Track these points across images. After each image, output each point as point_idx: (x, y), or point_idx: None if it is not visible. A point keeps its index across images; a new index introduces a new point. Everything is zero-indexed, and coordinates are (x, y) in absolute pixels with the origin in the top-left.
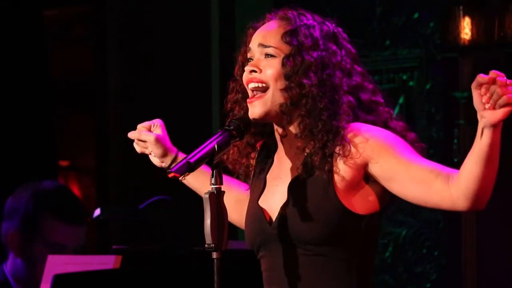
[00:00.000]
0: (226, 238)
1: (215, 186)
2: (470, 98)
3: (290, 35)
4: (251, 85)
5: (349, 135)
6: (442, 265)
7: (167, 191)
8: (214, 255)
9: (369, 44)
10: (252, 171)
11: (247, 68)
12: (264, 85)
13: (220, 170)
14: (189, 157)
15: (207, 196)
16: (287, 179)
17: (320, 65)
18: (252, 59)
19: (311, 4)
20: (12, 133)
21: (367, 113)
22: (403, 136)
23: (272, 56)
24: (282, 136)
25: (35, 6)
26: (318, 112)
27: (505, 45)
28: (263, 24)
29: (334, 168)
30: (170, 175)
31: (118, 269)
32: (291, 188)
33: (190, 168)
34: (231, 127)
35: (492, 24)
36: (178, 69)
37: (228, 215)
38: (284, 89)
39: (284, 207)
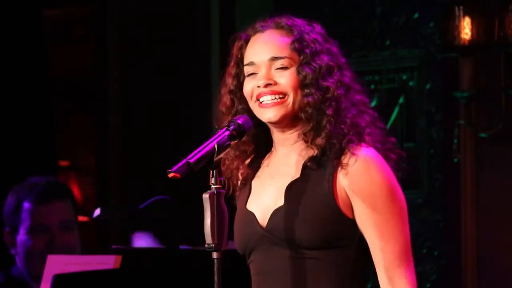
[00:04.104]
0: (226, 238)
1: (215, 186)
2: (470, 98)
3: (299, 43)
4: (268, 98)
5: (358, 159)
6: (442, 265)
7: (167, 191)
8: (214, 255)
9: (369, 44)
10: (239, 182)
11: (261, 83)
12: (281, 96)
13: (220, 170)
14: (189, 157)
15: (207, 196)
16: (282, 180)
17: (335, 67)
18: (254, 73)
19: (311, 4)
20: (12, 133)
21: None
22: (382, 143)
23: (284, 67)
24: (283, 141)
25: (35, 6)
26: (344, 112)
27: (505, 45)
28: (253, 34)
29: (335, 174)
30: (170, 175)
31: (118, 269)
32: (289, 190)
33: (190, 168)
34: (231, 127)
35: (492, 24)
36: (178, 69)
37: None
38: (305, 96)
39: (279, 210)
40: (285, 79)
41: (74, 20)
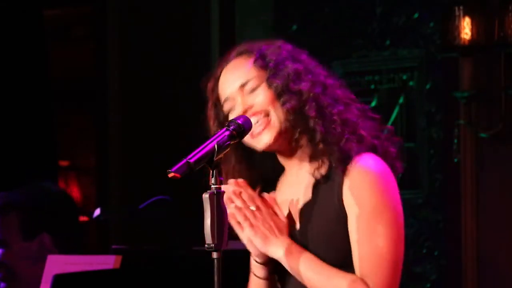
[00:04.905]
0: (226, 238)
1: (215, 186)
2: (470, 98)
3: (261, 60)
4: (253, 120)
5: (355, 168)
6: (442, 265)
7: (167, 191)
8: (214, 255)
9: (369, 44)
10: None
11: (240, 110)
12: (264, 115)
13: (220, 170)
14: (189, 157)
15: (207, 196)
16: (297, 202)
17: (303, 70)
18: (232, 107)
19: (311, 4)
20: (12, 133)
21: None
22: (379, 135)
23: (255, 88)
24: (289, 163)
25: (35, 6)
26: (328, 109)
27: (505, 45)
28: (220, 71)
29: (342, 183)
30: (170, 175)
31: (118, 269)
32: (302, 213)
33: (190, 168)
34: (231, 127)
35: (492, 24)
36: (178, 69)
37: None
38: (283, 105)
39: (296, 234)
40: (260, 97)
41: (74, 20)
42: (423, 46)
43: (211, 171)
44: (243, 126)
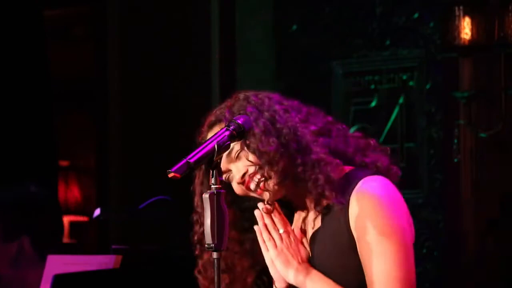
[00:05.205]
0: (226, 238)
1: (215, 186)
2: (470, 98)
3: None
4: (254, 182)
5: (357, 195)
6: (442, 265)
7: (167, 191)
8: (214, 255)
9: (369, 44)
10: None
11: (239, 179)
12: (259, 172)
13: (220, 170)
14: (189, 157)
15: (207, 196)
16: (308, 232)
17: (270, 121)
18: (231, 176)
19: (311, 4)
20: (12, 133)
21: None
22: (361, 152)
23: (239, 153)
24: (294, 200)
25: (35, 6)
26: (292, 156)
27: (505, 45)
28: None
29: (350, 216)
30: (170, 175)
31: (118, 269)
32: (313, 242)
33: (190, 168)
34: (231, 127)
35: (492, 24)
36: (178, 69)
37: None
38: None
39: (310, 263)
40: (249, 159)
41: (74, 20)
42: (423, 46)
43: (211, 171)
44: (243, 126)
